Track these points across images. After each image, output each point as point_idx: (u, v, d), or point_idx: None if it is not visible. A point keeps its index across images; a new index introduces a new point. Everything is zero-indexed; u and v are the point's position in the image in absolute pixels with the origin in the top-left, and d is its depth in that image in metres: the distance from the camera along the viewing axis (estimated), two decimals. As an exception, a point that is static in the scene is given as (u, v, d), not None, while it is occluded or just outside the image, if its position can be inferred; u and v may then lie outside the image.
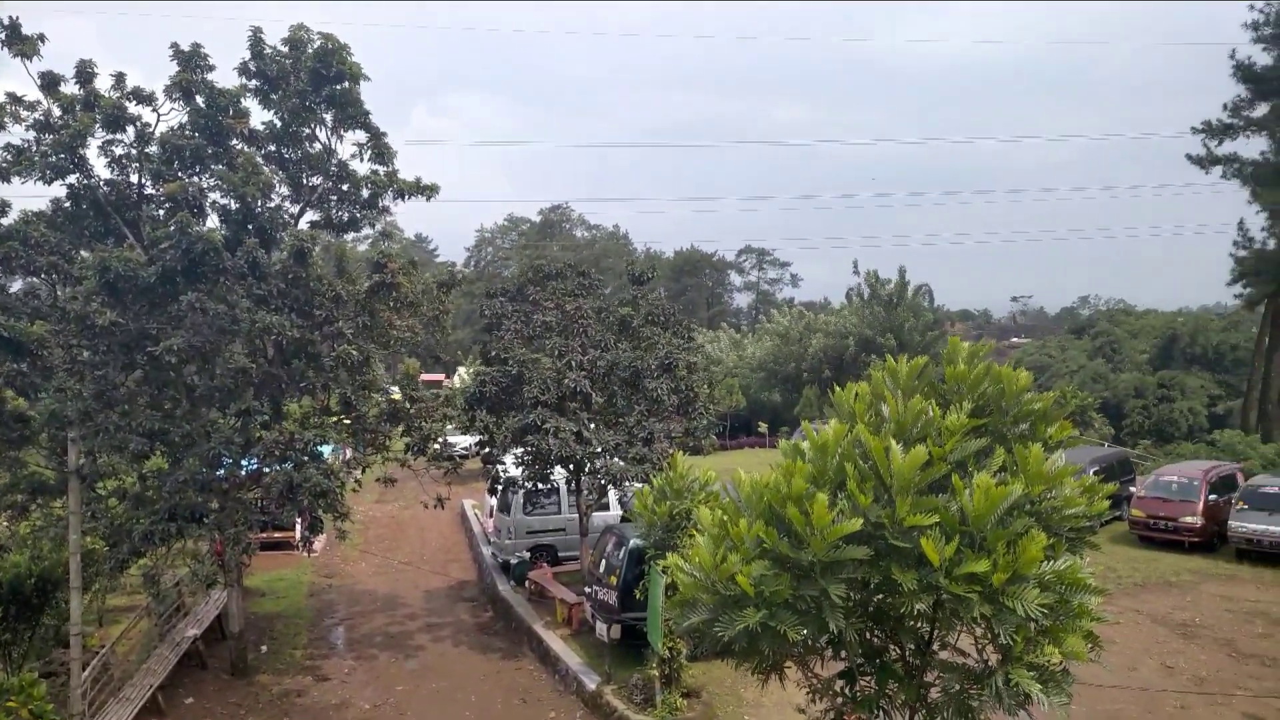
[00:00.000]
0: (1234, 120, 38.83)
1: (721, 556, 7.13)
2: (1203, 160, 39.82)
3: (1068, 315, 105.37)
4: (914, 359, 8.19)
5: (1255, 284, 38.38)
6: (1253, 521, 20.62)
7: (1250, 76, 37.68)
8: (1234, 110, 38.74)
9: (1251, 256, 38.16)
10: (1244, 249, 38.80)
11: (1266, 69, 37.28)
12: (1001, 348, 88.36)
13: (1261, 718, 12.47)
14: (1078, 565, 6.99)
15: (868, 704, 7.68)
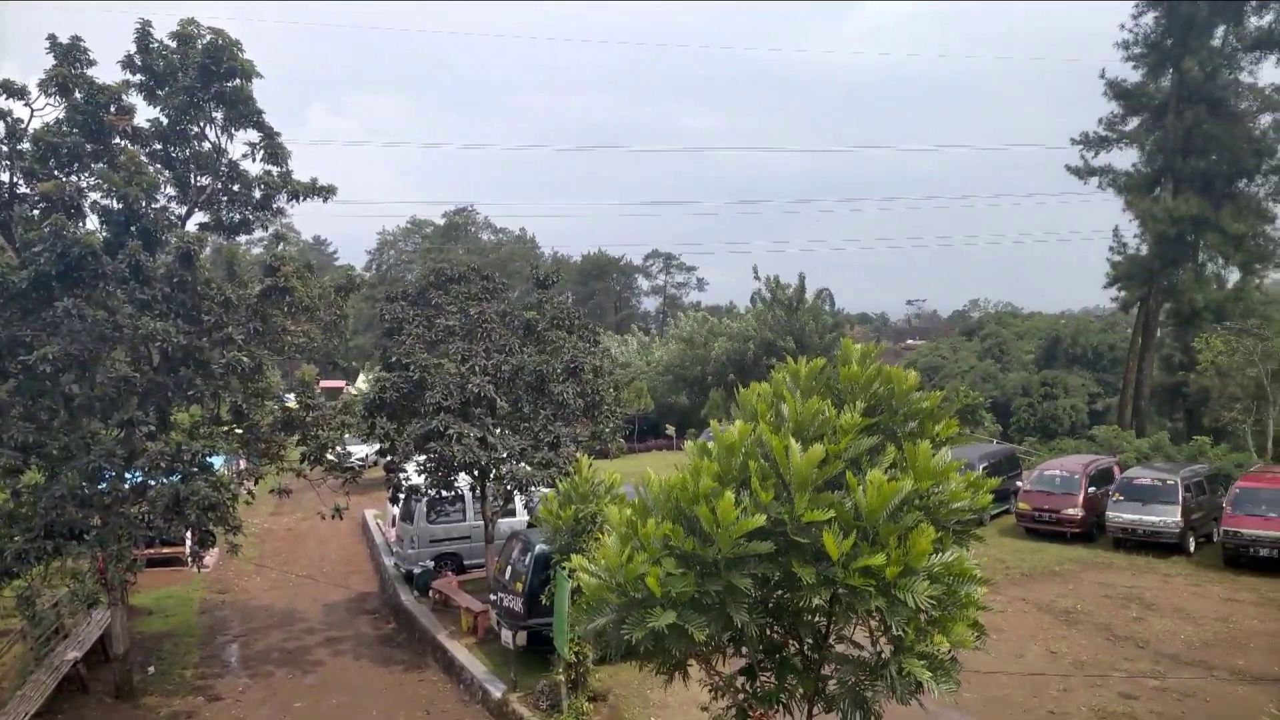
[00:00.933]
0: (1108, 134, 41.22)
1: (628, 556, 7.16)
2: (1081, 171, 42.10)
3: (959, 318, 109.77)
4: (813, 360, 8.40)
5: (1129, 287, 40.74)
6: (1127, 512, 21.88)
7: (1121, 93, 40.06)
8: (1108, 124, 41.13)
9: (1125, 261, 40.50)
10: (1119, 254, 41.17)
11: (1136, 86, 39.68)
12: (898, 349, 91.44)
13: (1135, 696, 13.22)
14: (964, 557, 7.27)
15: (768, 698, 7.83)
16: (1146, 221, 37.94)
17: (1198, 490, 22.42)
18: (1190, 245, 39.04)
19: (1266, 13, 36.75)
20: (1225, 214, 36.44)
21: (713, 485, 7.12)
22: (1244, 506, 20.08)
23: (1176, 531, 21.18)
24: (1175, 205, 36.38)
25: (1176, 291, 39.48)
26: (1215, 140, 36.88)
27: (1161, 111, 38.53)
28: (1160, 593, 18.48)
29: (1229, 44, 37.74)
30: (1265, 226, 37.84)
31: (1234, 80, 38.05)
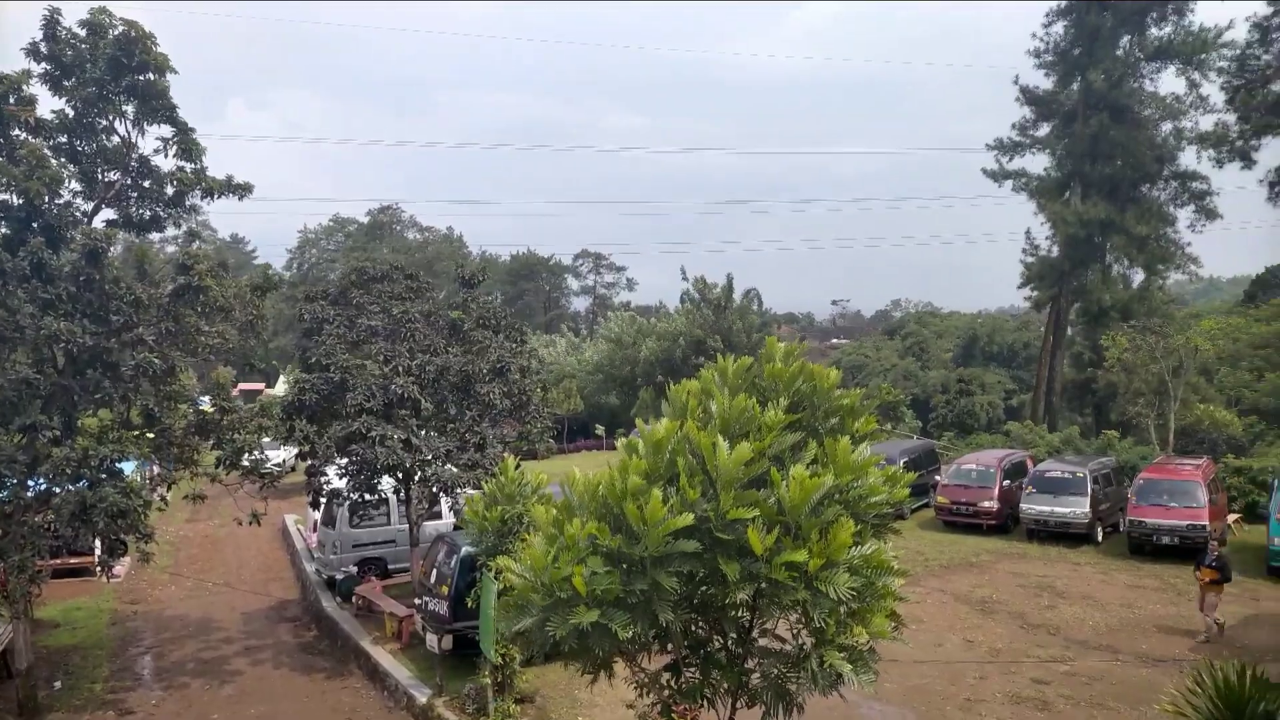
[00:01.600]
0: (1021, 139, 42.76)
1: (554, 556, 7.14)
2: (996, 175, 43.61)
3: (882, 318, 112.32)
4: (740, 359, 8.50)
5: (1041, 288, 42.33)
6: (1040, 504, 22.70)
7: (1033, 99, 41.58)
8: (1021, 129, 42.67)
9: (1037, 263, 42.07)
10: (1031, 256, 42.78)
11: (1047, 93, 41.22)
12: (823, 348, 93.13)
13: (1047, 681, 13.72)
14: (882, 549, 7.45)
15: (692, 694, 7.90)
16: (1057, 224, 39.48)
17: (1105, 482, 23.40)
18: (1098, 247, 40.76)
19: (1165, 25, 38.58)
20: (1130, 217, 38.15)
21: (640, 483, 7.15)
22: (1147, 497, 21.02)
23: (1085, 522, 22.07)
24: (1084, 209, 37.96)
25: (1085, 291, 41.17)
26: (1120, 146, 38.59)
27: (1070, 118, 40.14)
28: (1070, 581, 19.22)
29: (1132, 54, 39.52)
30: (1166, 229, 39.75)
31: (1137, 89, 39.84)
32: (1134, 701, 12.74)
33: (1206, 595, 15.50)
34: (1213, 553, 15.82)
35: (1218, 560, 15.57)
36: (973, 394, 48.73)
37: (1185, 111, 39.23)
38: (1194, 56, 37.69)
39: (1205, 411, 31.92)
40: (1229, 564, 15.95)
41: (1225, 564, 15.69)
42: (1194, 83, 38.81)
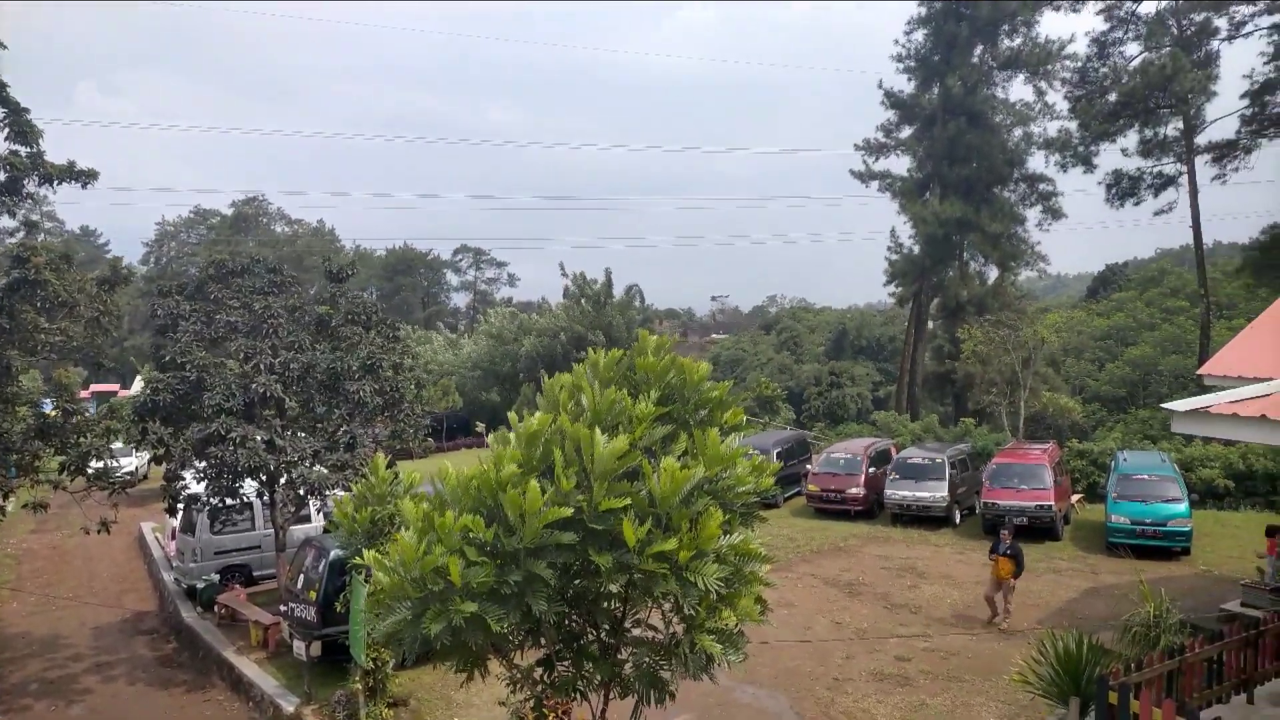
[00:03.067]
0: (886, 141, 44.57)
1: (424, 549, 7.00)
2: (863, 175, 45.28)
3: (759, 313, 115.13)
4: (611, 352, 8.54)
5: (904, 284, 44.29)
6: (902, 489, 23.80)
7: (896, 103, 43.41)
8: (885, 132, 44.48)
9: (901, 260, 43.98)
10: (895, 253, 44.66)
11: (909, 97, 43.12)
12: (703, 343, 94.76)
13: (908, 658, 14.40)
14: (750, 537, 7.65)
15: (565, 687, 7.90)
16: (918, 223, 41.39)
17: (962, 467, 24.74)
18: (956, 245, 42.95)
19: (1015, 36, 41.00)
20: (984, 216, 40.37)
21: (517, 471, 7.11)
22: (999, 480, 22.35)
23: (944, 505, 23.27)
24: (942, 208, 39.91)
25: (944, 287, 43.36)
26: (975, 149, 40.79)
27: (930, 121, 42.12)
28: (931, 562, 20.23)
29: (986, 62, 41.81)
30: (1017, 228, 42.25)
31: (990, 95, 42.19)
32: (987, 673, 13.53)
33: (1000, 582, 15.59)
34: (1005, 541, 15.76)
35: (1011, 549, 15.61)
36: (843, 386, 50.56)
37: (1034, 118, 41.85)
38: (1040, 66, 40.24)
39: (1051, 399, 34.20)
40: (1022, 553, 15.89)
41: (1019, 553, 15.72)
42: (1041, 91, 41.49)
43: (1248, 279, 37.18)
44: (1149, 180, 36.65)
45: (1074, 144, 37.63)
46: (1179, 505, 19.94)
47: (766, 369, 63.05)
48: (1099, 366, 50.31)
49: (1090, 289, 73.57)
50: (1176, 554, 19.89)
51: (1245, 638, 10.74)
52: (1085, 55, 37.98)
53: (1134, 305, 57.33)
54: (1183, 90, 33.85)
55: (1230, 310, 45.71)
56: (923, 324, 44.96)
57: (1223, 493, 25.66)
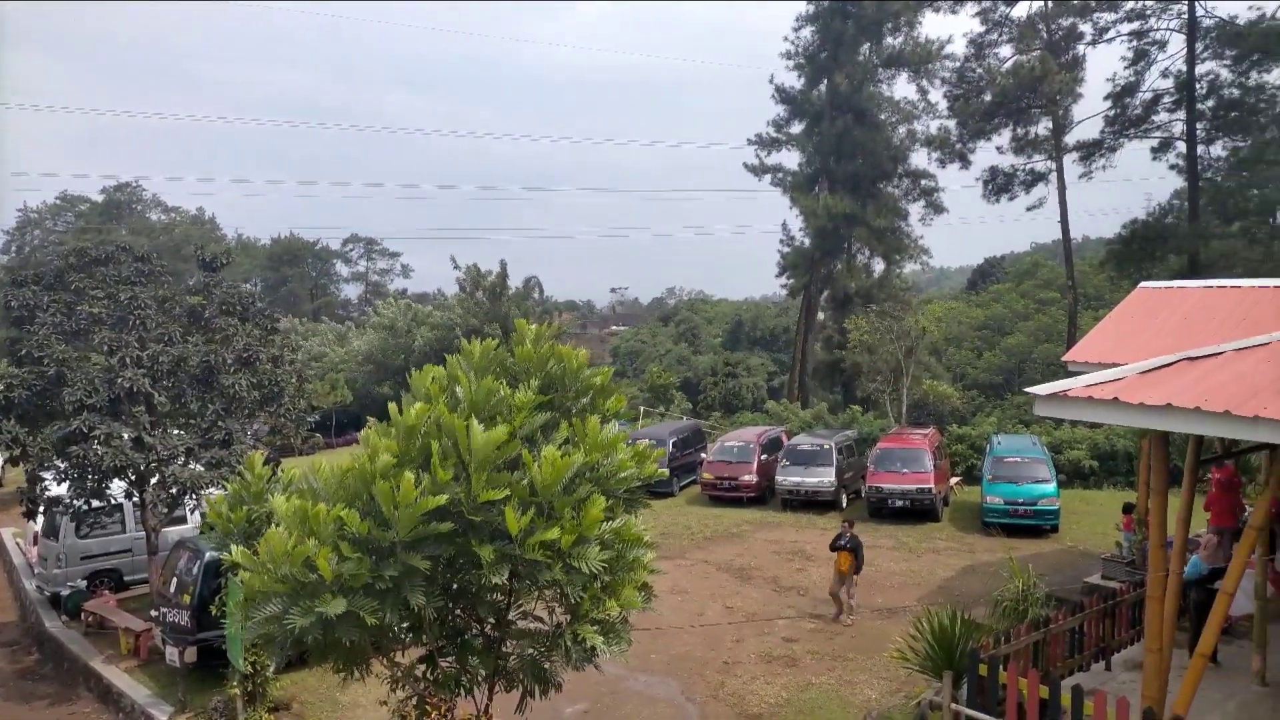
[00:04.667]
0: (778, 135, 45.41)
1: (295, 542, 6.74)
2: (757, 169, 46.00)
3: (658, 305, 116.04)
4: (485, 342, 8.41)
5: (795, 276, 45.30)
6: (792, 475, 24.37)
7: (786, 98, 44.27)
8: (777, 127, 45.31)
9: (792, 253, 44.97)
10: (787, 246, 45.61)
11: (799, 93, 44.03)
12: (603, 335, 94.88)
13: (795, 639, 14.77)
14: (633, 523, 7.67)
15: (448, 683, 7.77)
16: (808, 217, 42.35)
17: (848, 453, 25.49)
18: (844, 238, 44.16)
19: (899, 35, 42.38)
20: (870, 211, 41.63)
21: (392, 462, 6.92)
22: (883, 465, 23.13)
23: (832, 490, 23.95)
24: (831, 203, 40.94)
25: (834, 279, 44.58)
26: (861, 145, 42.01)
27: (819, 117, 43.13)
28: (819, 545, 20.71)
29: (871, 60, 43.06)
30: (901, 223, 43.75)
31: (876, 93, 43.49)
32: (869, 651, 13.98)
33: (842, 575, 15.45)
34: (846, 534, 15.59)
35: (850, 542, 15.43)
36: (738, 376, 51.40)
37: (917, 116, 43.42)
38: (922, 66, 41.73)
39: (932, 387, 35.62)
40: (861, 545, 15.71)
41: (859, 546, 15.51)
42: (923, 90, 43.05)
43: (1111, 271, 39.49)
44: (1022, 177, 38.51)
45: (953, 142, 39.20)
46: (1048, 486, 21.06)
47: (665, 360, 63.57)
48: (978, 355, 52.67)
49: (970, 281, 77.00)
50: (1046, 532, 21.00)
51: (1103, 608, 11.42)
52: (963, 56, 39.62)
53: (1010, 297, 60.24)
54: (1052, 91, 35.67)
55: (1097, 301, 48.48)
56: (813, 315, 46.10)
57: (1088, 473, 27.25)
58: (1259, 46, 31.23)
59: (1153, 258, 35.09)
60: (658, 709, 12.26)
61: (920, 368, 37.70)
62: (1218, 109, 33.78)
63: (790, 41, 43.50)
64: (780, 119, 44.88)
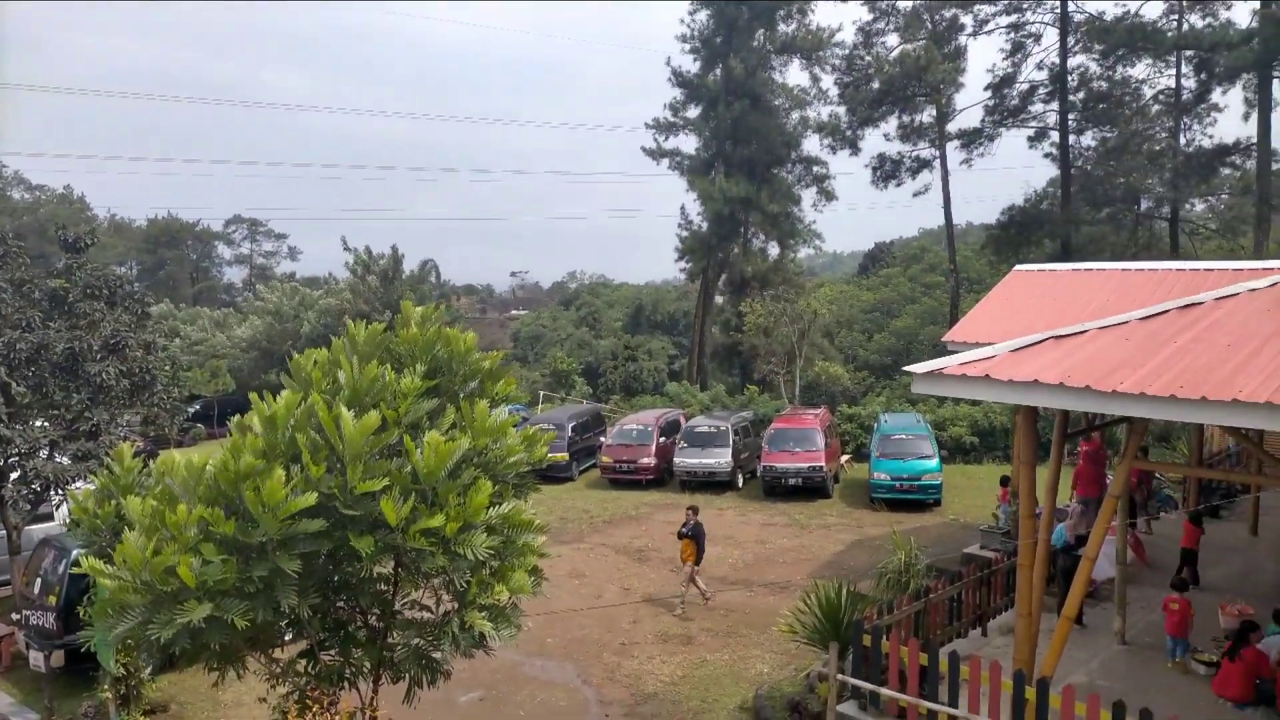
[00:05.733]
0: (675, 120, 45.55)
1: (154, 549, 6.38)
2: (654, 153, 46.10)
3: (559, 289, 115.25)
4: (371, 325, 8.15)
5: (693, 259, 45.66)
6: (690, 457, 24.67)
7: (683, 82, 44.43)
8: (674, 111, 45.44)
9: (690, 237, 45.28)
10: (686, 230, 45.88)
11: (695, 77, 44.24)
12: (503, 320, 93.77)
13: (691, 618, 14.98)
14: (521, 507, 7.58)
15: (329, 677, 7.55)
16: (705, 201, 42.70)
17: (744, 434, 25.97)
18: (740, 223, 44.70)
19: (791, 21, 43.05)
20: (765, 196, 42.24)
21: (255, 463, 6.61)
22: (777, 444, 23.66)
23: (728, 470, 24.35)
24: (727, 187, 41.35)
25: (730, 263, 45.17)
26: (756, 131, 42.52)
27: (715, 102, 43.41)
28: (715, 524, 21.03)
29: (765, 46, 43.60)
30: (794, 208, 44.58)
31: (769, 78, 44.08)
32: (762, 627, 14.30)
33: (685, 564, 15.20)
34: (689, 521, 15.24)
35: (692, 530, 15.08)
36: (639, 360, 51.58)
37: (809, 102, 44.23)
38: (813, 53, 42.52)
39: (823, 368, 36.59)
40: (703, 534, 15.34)
41: (700, 534, 15.14)
42: (815, 77, 43.87)
43: (991, 256, 41.27)
44: (908, 164, 39.76)
45: (843, 128, 40.12)
46: (931, 462, 21.93)
47: (566, 344, 63.25)
48: (868, 337, 54.36)
49: (861, 266, 79.29)
50: (929, 505, 21.88)
51: (980, 577, 11.97)
52: (853, 44, 40.52)
53: (898, 281, 62.33)
54: (935, 80, 36.92)
55: (978, 284, 50.58)
56: (711, 299, 46.63)
57: (969, 448, 28.52)
58: (1124, 42, 33.04)
59: (1029, 242, 36.85)
60: (553, 693, 12.24)
61: (814, 350, 38.68)
62: (1088, 100, 35.63)
63: (686, 25, 43.68)
64: (677, 102, 45.02)
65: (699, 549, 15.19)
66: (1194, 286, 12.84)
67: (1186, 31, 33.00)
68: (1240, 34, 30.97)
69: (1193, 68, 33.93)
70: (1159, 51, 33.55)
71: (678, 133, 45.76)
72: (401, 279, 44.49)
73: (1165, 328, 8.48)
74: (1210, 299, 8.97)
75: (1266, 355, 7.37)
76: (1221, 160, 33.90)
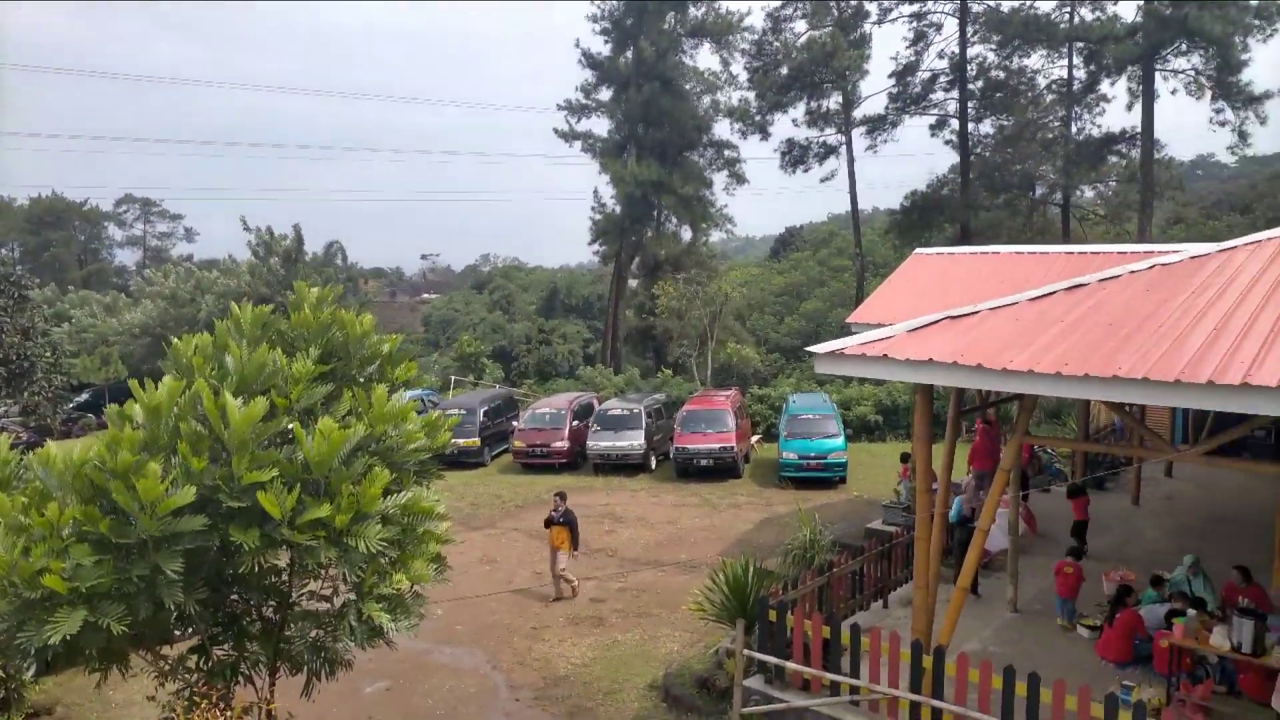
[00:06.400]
0: (587, 101, 45.22)
1: (21, 551, 6.01)
2: (567, 135, 45.69)
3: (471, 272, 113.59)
4: (258, 307, 7.85)
5: (607, 242, 45.58)
6: (603, 440, 24.67)
7: (594, 63, 44.11)
8: (585, 92, 45.11)
9: (603, 220, 45.13)
10: (599, 213, 45.69)
11: (606, 59, 43.97)
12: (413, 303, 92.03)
13: (603, 599, 15.01)
14: (421, 495, 7.42)
15: (222, 672, 7.27)
16: (617, 184, 42.59)
17: (657, 416, 26.10)
18: (652, 205, 44.78)
19: (701, 5, 43.17)
20: (677, 179, 42.38)
21: (132, 459, 6.26)
22: (689, 426, 23.86)
23: (641, 453, 24.45)
24: (639, 170, 41.32)
25: (644, 246, 45.23)
26: (668, 114, 42.58)
27: (626, 84, 43.27)
28: (628, 507, 21.19)
29: (676, 29, 43.61)
30: (706, 192, 44.87)
31: (680, 62, 44.15)
32: (672, 606, 14.41)
33: (557, 553, 14.78)
34: (558, 509, 14.87)
35: (564, 517, 14.75)
36: (553, 343, 51.33)
37: (720, 87, 44.47)
38: (723, 37, 42.76)
39: (734, 350, 37.04)
40: (576, 520, 15.02)
41: (573, 520, 14.84)
42: (726, 61, 44.14)
43: (895, 240, 42.40)
44: (815, 149, 40.48)
45: (753, 113, 40.55)
46: (837, 440, 22.46)
47: (479, 328, 62.48)
48: (779, 320, 55.28)
49: (772, 249, 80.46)
50: (835, 483, 22.42)
51: (881, 551, 12.31)
52: (762, 29, 40.93)
53: (808, 264, 63.54)
54: (841, 67, 37.60)
55: (884, 268, 51.90)
56: (624, 282, 46.64)
57: (874, 427, 29.33)
58: (1020, 33, 34.26)
59: (930, 226, 38.00)
60: (462, 680, 12.10)
61: (726, 332, 39.12)
62: (985, 89, 36.85)
63: (596, 5, 43.33)
64: (589, 84, 44.71)
65: (574, 535, 14.83)
66: (1081, 269, 13.42)
67: (1078, 24, 34.42)
68: (1126, 28, 32.46)
69: (1083, 59, 35.40)
70: (1052, 43, 34.91)
71: (590, 115, 45.51)
72: (305, 261, 43.16)
73: (1053, 308, 8.81)
74: (1094, 280, 9.36)
75: (1144, 334, 7.73)
76: (1109, 149, 35.55)
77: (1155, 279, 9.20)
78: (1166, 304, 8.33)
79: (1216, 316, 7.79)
